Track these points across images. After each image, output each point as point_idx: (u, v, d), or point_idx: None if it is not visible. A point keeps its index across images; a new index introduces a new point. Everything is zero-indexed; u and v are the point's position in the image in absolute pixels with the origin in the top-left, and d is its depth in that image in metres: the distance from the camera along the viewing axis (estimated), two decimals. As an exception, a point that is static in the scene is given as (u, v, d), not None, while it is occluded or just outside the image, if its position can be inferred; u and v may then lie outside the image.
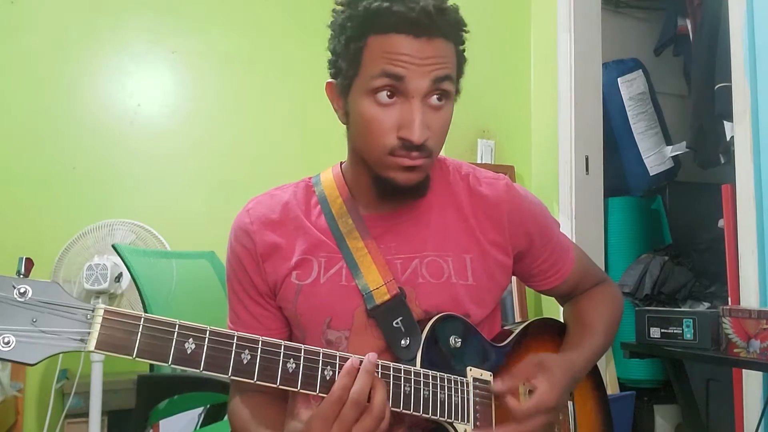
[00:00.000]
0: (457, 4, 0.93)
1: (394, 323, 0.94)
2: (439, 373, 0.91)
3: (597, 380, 1.17)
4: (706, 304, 2.44)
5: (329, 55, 0.96)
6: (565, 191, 2.51)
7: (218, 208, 2.91)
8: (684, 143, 2.72)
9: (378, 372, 0.84)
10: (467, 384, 0.94)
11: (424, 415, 0.89)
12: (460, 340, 0.96)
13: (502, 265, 1.05)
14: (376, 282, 0.95)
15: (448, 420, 0.91)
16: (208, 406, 2.04)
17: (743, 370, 1.74)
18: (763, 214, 1.69)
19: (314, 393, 0.81)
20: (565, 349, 1.08)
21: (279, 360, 0.79)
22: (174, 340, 0.74)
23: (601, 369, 1.19)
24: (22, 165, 2.85)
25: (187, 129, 3.15)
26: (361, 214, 1.01)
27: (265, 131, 3.28)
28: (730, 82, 1.81)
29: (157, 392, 1.75)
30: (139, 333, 0.72)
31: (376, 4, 0.87)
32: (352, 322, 0.97)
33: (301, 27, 3.27)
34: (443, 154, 1.06)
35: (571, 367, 1.01)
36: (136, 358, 0.72)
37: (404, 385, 0.87)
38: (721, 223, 1.90)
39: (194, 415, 2.13)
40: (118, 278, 2.37)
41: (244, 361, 0.77)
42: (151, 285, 1.90)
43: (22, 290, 0.68)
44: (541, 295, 2.56)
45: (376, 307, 0.95)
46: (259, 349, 0.79)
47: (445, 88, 0.90)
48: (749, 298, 1.70)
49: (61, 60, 2.96)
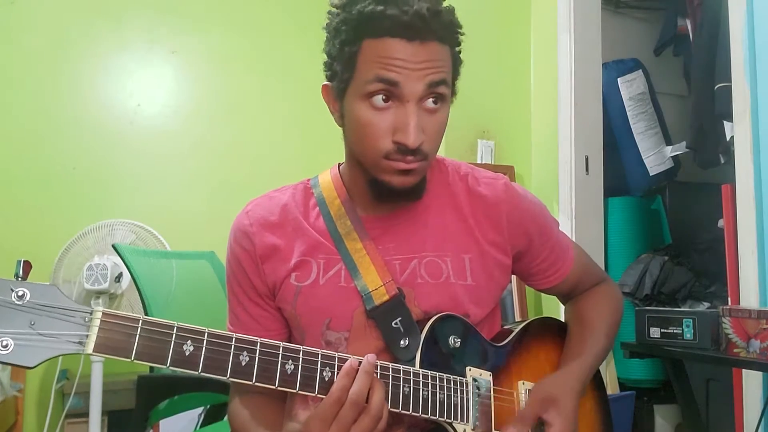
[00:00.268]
0: (453, 6, 0.93)
1: (393, 324, 0.94)
2: (438, 374, 0.91)
3: (597, 380, 1.16)
4: (706, 304, 2.44)
5: (325, 58, 0.96)
6: (565, 191, 2.51)
7: (218, 208, 2.90)
8: (684, 143, 2.72)
9: (377, 372, 0.84)
10: (466, 384, 0.94)
11: (423, 416, 0.88)
12: (459, 340, 0.96)
13: (501, 265, 1.05)
14: (375, 283, 0.95)
15: (447, 420, 0.91)
16: (208, 406, 2.04)
17: (743, 370, 1.74)
18: (763, 214, 1.69)
19: (313, 394, 0.81)
20: (566, 357, 1.08)
21: (277, 361, 0.79)
22: (172, 343, 0.74)
23: (601, 369, 1.19)
24: (22, 165, 2.85)
25: (188, 129, 3.15)
26: (359, 216, 1.01)
27: (265, 131, 3.28)
28: (730, 82, 1.81)
29: (157, 392, 1.75)
30: (137, 335, 0.72)
31: (370, 7, 0.86)
32: (352, 323, 0.96)
33: (301, 27, 3.27)
34: (443, 154, 1.07)
35: (576, 381, 1.01)
36: (135, 361, 0.72)
37: (403, 386, 0.87)
38: (721, 223, 1.90)
39: (194, 415, 2.13)
40: (118, 278, 2.37)
41: (243, 363, 0.77)
42: (151, 285, 1.90)
43: (20, 293, 0.68)
44: (541, 295, 2.57)
45: (375, 308, 0.95)
46: (258, 351, 0.78)
47: (440, 92, 0.90)
48: (749, 298, 1.70)
49: (61, 60, 2.96)
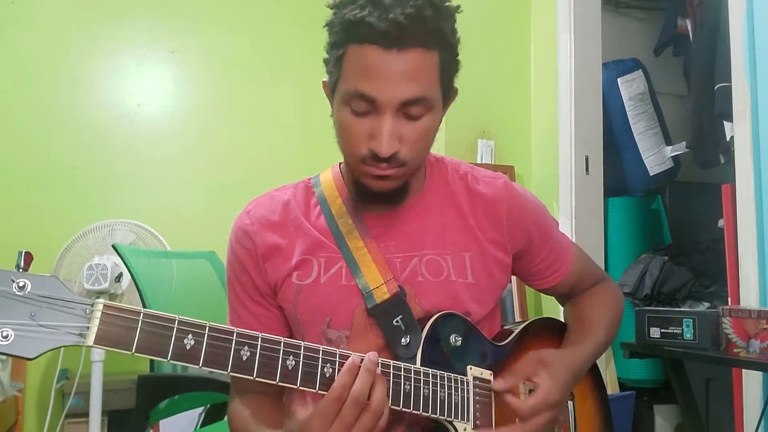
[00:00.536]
0: (459, 5, 0.91)
1: (394, 322, 0.94)
2: (439, 372, 0.91)
3: (597, 380, 1.16)
4: (706, 304, 2.44)
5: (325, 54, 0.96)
6: (565, 191, 2.51)
7: (218, 208, 2.90)
8: (684, 143, 2.72)
9: (378, 370, 0.84)
10: (467, 383, 0.94)
11: (423, 414, 0.88)
12: (460, 338, 0.96)
13: (501, 264, 1.05)
14: (375, 281, 0.95)
15: (448, 418, 0.91)
16: (208, 406, 2.03)
17: (743, 370, 1.74)
18: (763, 214, 1.69)
19: (314, 390, 0.81)
20: (565, 346, 1.08)
21: (279, 357, 0.79)
22: (173, 336, 0.74)
23: (601, 369, 1.19)
24: (22, 165, 2.85)
25: (188, 129, 3.15)
26: (360, 214, 1.01)
27: (265, 131, 3.28)
28: (730, 82, 1.81)
29: (158, 392, 1.75)
30: (138, 328, 0.72)
31: (354, 13, 0.85)
32: (353, 321, 0.97)
33: (301, 27, 3.27)
34: (443, 153, 1.07)
35: (572, 362, 1.01)
36: (135, 354, 0.71)
37: (404, 384, 0.87)
38: (721, 223, 1.90)
39: (194, 415, 2.13)
40: (119, 278, 2.37)
41: (244, 358, 0.77)
42: (151, 285, 1.90)
43: (21, 284, 0.68)
44: (541, 295, 2.56)
45: (376, 306, 0.95)
46: (259, 346, 0.78)
47: (412, 113, 0.88)
48: (749, 298, 1.70)
49: (61, 60, 2.96)
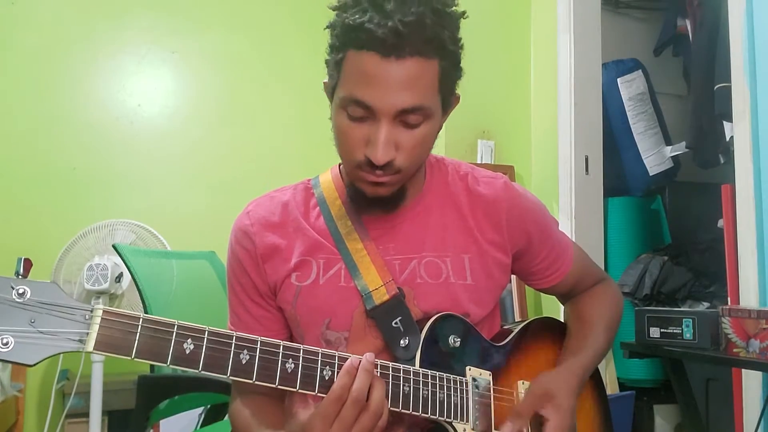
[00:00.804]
0: (464, 10, 0.90)
1: (393, 323, 0.94)
2: (438, 373, 0.91)
3: (597, 380, 1.16)
4: (706, 304, 2.44)
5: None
6: (565, 191, 2.51)
7: (218, 208, 2.90)
8: (684, 143, 2.72)
9: (377, 371, 0.84)
10: (466, 384, 0.94)
11: (423, 415, 0.89)
12: (459, 339, 0.96)
13: (501, 264, 1.05)
14: (375, 283, 0.96)
15: (447, 420, 0.91)
16: (208, 406, 2.03)
17: (743, 370, 1.75)
18: (763, 214, 1.69)
19: (313, 393, 0.81)
20: (565, 354, 1.08)
21: (278, 360, 0.79)
22: (173, 341, 0.74)
23: (601, 369, 1.19)
24: (22, 165, 2.85)
25: (188, 129, 3.15)
26: (360, 216, 1.01)
27: (265, 131, 3.27)
28: (730, 82, 1.81)
29: (158, 392, 1.75)
30: (138, 333, 0.72)
31: (354, 17, 0.85)
32: (352, 322, 0.97)
33: (301, 27, 3.27)
34: (443, 154, 1.07)
35: (575, 384, 1.01)
36: (135, 359, 0.72)
37: (403, 385, 0.87)
38: (721, 223, 1.91)
39: (194, 415, 2.13)
40: (119, 278, 2.37)
41: (243, 362, 0.77)
42: (151, 285, 1.90)
43: (20, 291, 0.68)
44: (541, 295, 2.57)
45: (375, 308, 0.95)
46: (258, 349, 0.79)
47: (410, 122, 0.88)
48: (749, 298, 1.70)
49: (61, 60, 2.96)
